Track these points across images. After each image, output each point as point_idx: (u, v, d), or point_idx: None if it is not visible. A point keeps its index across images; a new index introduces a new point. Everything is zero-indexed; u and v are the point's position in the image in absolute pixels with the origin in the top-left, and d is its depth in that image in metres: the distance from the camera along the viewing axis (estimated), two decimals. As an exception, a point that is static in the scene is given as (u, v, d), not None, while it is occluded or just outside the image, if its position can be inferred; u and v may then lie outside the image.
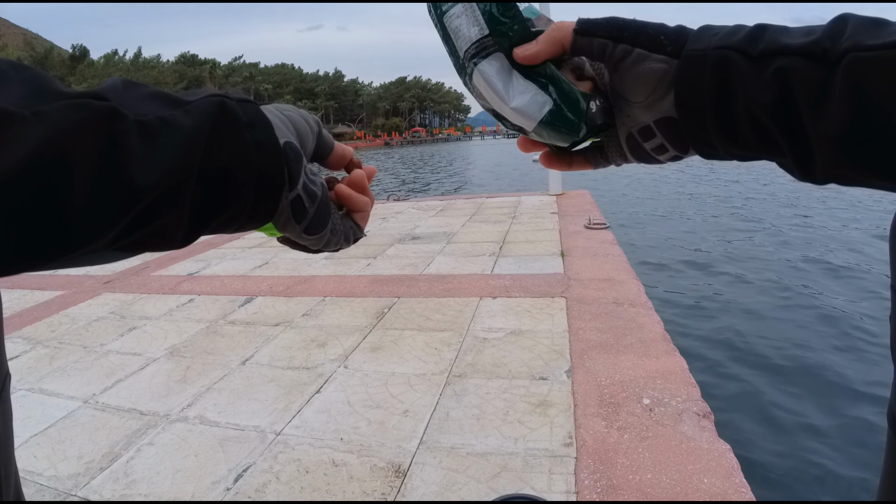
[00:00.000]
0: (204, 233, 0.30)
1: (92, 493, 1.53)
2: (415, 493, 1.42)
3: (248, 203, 0.31)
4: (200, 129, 0.27)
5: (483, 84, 0.37)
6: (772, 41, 0.30)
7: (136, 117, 0.25)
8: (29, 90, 0.23)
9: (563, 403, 1.78)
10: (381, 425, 1.76)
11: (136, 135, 0.25)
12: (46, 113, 0.22)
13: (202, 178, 0.28)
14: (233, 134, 0.29)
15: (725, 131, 0.32)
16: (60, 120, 0.22)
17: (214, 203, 0.29)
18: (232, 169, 0.29)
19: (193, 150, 0.27)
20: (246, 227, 0.33)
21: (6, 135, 0.20)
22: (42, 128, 0.21)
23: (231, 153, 0.29)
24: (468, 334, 2.45)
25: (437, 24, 0.38)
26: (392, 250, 4.34)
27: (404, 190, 17.19)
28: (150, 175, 0.25)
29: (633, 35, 0.34)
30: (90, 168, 0.23)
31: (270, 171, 0.31)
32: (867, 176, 0.28)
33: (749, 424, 3.05)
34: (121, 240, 0.26)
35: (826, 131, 0.27)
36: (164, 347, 2.63)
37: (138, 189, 0.24)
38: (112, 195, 0.24)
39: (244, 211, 0.31)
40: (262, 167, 0.30)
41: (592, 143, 0.42)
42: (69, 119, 0.22)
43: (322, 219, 0.36)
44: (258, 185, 0.31)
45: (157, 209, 0.26)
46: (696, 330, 4.51)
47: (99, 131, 0.23)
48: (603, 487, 1.37)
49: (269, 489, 1.48)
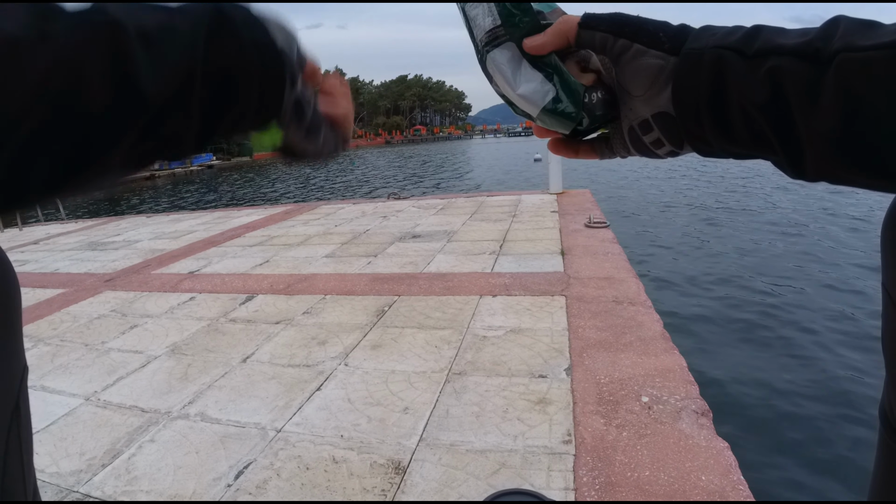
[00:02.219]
0: (214, 135, 0.31)
1: (94, 489, 1.54)
2: (414, 489, 1.43)
3: (254, 100, 0.31)
4: (198, 32, 0.28)
5: (494, 71, 0.40)
6: (766, 41, 0.30)
7: (137, 27, 0.26)
8: (32, 12, 0.23)
9: (562, 401, 1.79)
10: (381, 422, 1.76)
11: (138, 45, 0.25)
12: (52, 34, 0.23)
13: (206, 80, 0.28)
14: (231, 35, 0.30)
15: (720, 128, 0.33)
16: (68, 40, 0.23)
17: (221, 103, 0.30)
18: (234, 68, 0.30)
19: (195, 53, 0.28)
20: (253, 127, 0.34)
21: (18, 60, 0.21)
22: (51, 49, 0.22)
23: (232, 53, 0.30)
24: (468, 332, 2.46)
25: (461, 11, 0.42)
26: (392, 248, 4.34)
27: (404, 186, 17.18)
28: (155, 81, 0.26)
29: (633, 31, 0.36)
30: (101, 82, 0.24)
31: (272, 67, 0.32)
32: (856, 174, 0.28)
33: (748, 423, 3.06)
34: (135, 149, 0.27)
35: (816, 130, 0.28)
36: (166, 345, 2.64)
37: (147, 95, 0.25)
38: (125, 104, 0.25)
39: (250, 108, 0.32)
40: (263, 64, 0.31)
41: (601, 134, 0.43)
42: (76, 38, 0.23)
43: (318, 119, 0.38)
44: (262, 82, 0.31)
45: (167, 113, 0.27)
46: (695, 328, 4.52)
47: (104, 46, 0.24)
48: (601, 485, 1.38)
49: (269, 486, 1.49)
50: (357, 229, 5.37)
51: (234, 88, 0.30)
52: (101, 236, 6.68)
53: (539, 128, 0.43)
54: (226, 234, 5.87)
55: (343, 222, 5.89)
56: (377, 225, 5.52)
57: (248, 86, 0.31)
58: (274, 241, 5.21)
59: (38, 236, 7.29)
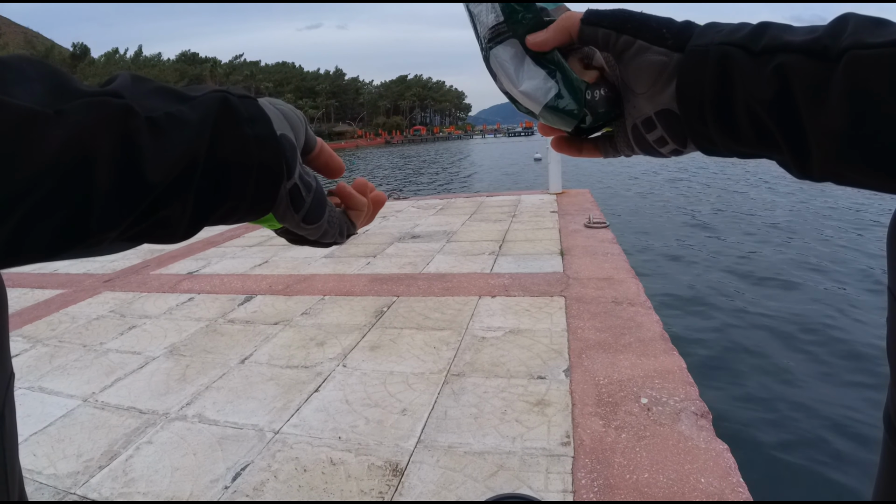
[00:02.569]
0: (206, 224, 0.32)
1: (91, 491, 1.54)
2: (412, 491, 1.42)
3: (249, 194, 0.32)
4: (205, 124, 0.29)
5: (497, 67, 0.40)
6: (774, 38, 0.30)
7: (147, 114, 0.26)
8: (48, 88, 0.24)
9: (560, 403, 1.79)
10: (379, 424, 1.76)
11: (146, 131, 0.26)
12: (68, 112, 0.23)
13: (205, 171, 0.29)
14: (234, 128, 0.30)
15: (725, 127, 0.32)
16: (81, 118, 0.24)
17: (216, 195, 0.30)
18: (233, 162, 0.30)
19: (199, 145, 0.28)
20: (246, 218, 0.34)
21: (33, 133, 0.22)
22: (65, 126, 0.23)
23: (233, 147, 0.30)
24: (467, 333, 2.45)
25: (465, 8, 0.42)
26: (392, 249, 4.34)
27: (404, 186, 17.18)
28: (159, 168, 0.26)
29: (636, 27, 0.35)
30: (109, 163, 0.24)
31: (270, 163, 0.32)
32: (864, 174, 0.28)
33: (747, 424, 3.05)
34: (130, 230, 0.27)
35: (824, 128, 0.27)
36: (164, 346, 2.63)
37: (150, 182, 0.26)
38: (128, 188, 0.25)
39: (244, 202, 0.32)
40: (262, 160, 0.31)
41: (604, 133, 0.43)
42: (89, 118, 0.24)
43: (319, 208, 0.38)
44: (258, 178, 0.32)
45: (165, 200, 0.27)
46: (695, 329, 4.51)
47: (116, 129, 0.25)
48: (600, 487, 1.37)
49: (267, 488, 1.49)
50: (356, 229, 5.37)
51: (230, 180, 0.30)
52: (101, 236, 6.67)
53: (543, 125, 0.43)
54: (225, 234, 5.86)
55: (342, 222, 5.88)
56: (376, 225, 5.51)
57: (243, 181, 0.31)
58: (273, 241, 5.20)
59: (37, 236, 7.28)
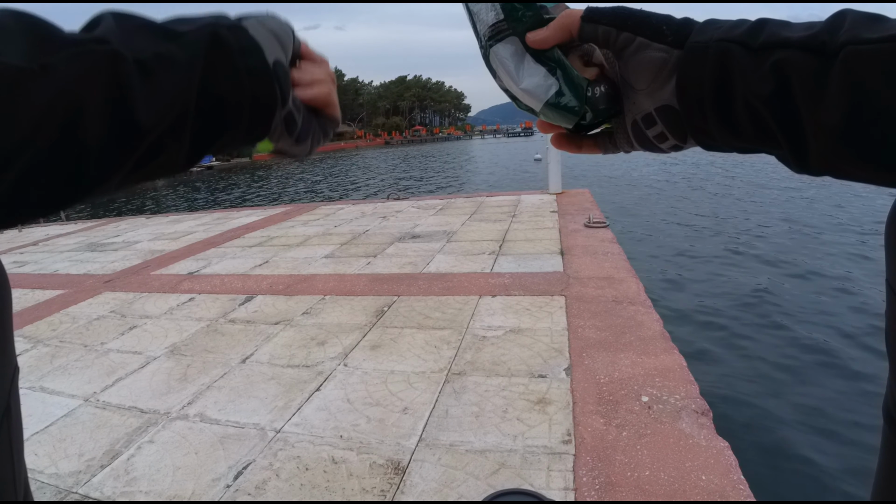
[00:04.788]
0: (204, 155, 0.32)
1: (93, 490, 1.54)
2: (414, 490, 1.42)
3: (244, 127, 0.32)
4: (195, 63, 0.28)
5: (498, 65, 0.40)
6: (772, 34, 0.30)
7: (135, 56, 0.26)
8: (32, 40, 0.23)
9: (561, 401, 1.79)
10: (380, 423, 1.76)
11: (135, 75, 0.26)
12: (54, 65, 0.23)
13: (199, 110, 0.29)
14: (226, 63, 0.30)
15: (724, 122, 0.32)
16: (68, 71, 0.23)
17: (212, 130, 0.30)
18: (227, 97, 0.30)
19: (190, 84, 0.28)
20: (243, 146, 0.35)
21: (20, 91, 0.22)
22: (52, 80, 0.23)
23: (225, 82, 0.30)
24: (467, 332, 2.45)
25: (465, 7, 0.42)
26: (392, 249, 4.34)
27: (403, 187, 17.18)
28: (152, 112, 0.26)
29: (636, 24, 0.35)
30: (100, 112, 0.24)
31: (263, 95, 0.32)
32: (862, 168, 0.28)
33: (748, 422, 3.06)
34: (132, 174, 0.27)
35: (822, 123, 0.28)
36: (165, 346, 2.63)
37: (144, 126, 0.26)
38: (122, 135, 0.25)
39: (240, 133, 0.32)
40: (256, 93, 0.31)
41: (604, 129, 0.43)
42: (76, 69, 0.23)
43: (308, 125, 0.38)
44: (252, 110, 0.32)
45: (162, 142, 0.27)
46: (695, 328, 4.51)
47: (104, 77, 0.24)
48: (601, 484, 1.37)
49: (268, 486, 1.49)
50: (356, 230, 5.37)
51: (225, 115, 0.30)
52: (101, 237, 6.68)
53: (543, 122, 0.43)
54: (225, 234, 5.87)
55: (342, 223, 5.89)
56: (377, 225, 5.51)
57: (238, 113, 0.31)
58: (273, 241, 5.21)
59: (37, 237, 7.29)
